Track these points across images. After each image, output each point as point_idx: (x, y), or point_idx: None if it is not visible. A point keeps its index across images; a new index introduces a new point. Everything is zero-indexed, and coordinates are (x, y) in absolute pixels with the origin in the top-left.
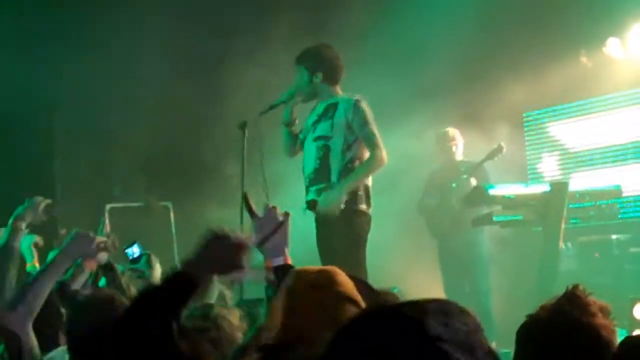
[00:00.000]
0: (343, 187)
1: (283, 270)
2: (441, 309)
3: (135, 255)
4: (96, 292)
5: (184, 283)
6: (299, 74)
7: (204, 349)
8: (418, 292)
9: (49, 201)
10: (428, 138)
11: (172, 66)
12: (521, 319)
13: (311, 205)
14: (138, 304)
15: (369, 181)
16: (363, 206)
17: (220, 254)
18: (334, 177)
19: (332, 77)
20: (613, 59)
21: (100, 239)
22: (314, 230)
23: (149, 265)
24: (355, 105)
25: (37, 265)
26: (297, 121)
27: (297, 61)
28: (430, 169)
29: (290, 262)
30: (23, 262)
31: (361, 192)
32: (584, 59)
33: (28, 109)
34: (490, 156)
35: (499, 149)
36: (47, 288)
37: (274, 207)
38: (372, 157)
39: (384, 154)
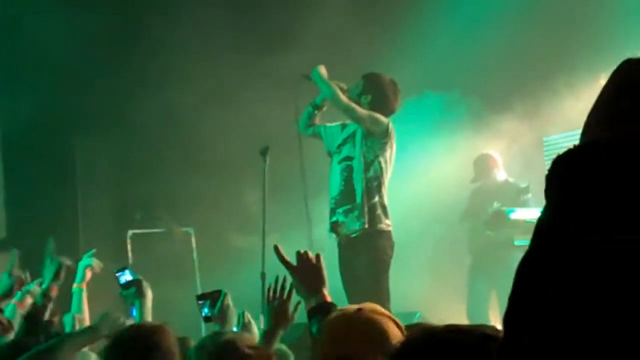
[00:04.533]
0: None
1: (323, 308)
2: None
3: (127, 281)
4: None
5: None
6: (357, 83)
7: None
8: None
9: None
10: (451, 164)
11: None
12: None
13: (334, 226)
14: None
15: (385, 199)
16: (383, 225)
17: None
18: (358, 198)
19: (377, 107)
20: None
21: None
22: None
23: (141, 291)
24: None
25: (83, 287)
26: (324, 109)
27: (363, 75)
28: (472, 187)
29: (329, 300)
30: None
31: (379, 212)
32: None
33: (48, 135)
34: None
35: None
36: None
37: (306, 252)
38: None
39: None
